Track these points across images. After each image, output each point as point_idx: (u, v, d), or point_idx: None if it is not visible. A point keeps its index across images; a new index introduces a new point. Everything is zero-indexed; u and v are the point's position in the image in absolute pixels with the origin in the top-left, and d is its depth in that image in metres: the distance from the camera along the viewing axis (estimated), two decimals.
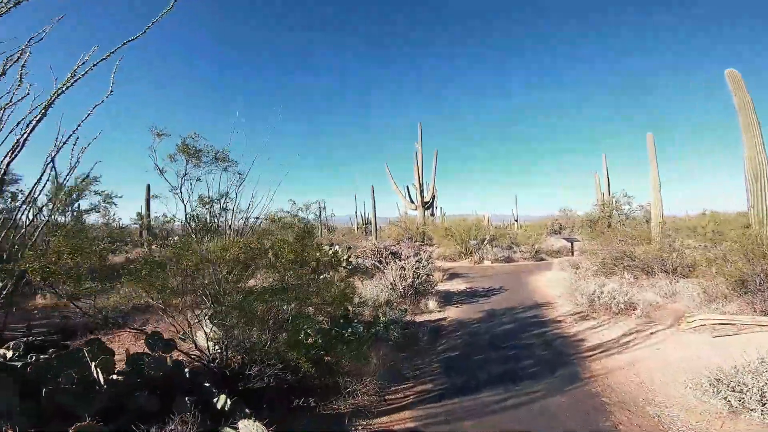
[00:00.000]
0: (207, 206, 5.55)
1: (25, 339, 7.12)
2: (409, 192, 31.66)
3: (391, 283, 9.73)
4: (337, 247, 15.01)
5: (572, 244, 22.83)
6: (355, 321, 6.94)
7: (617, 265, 12.09)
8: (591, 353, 6.72)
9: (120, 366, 4.36)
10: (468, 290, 12.03)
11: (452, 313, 9.25)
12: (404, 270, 10.00)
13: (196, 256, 3.58)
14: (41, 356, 4.70)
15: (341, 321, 6.75)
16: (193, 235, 4.32)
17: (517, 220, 38.61)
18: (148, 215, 21.35)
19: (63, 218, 13.56)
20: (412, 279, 9.74)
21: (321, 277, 6.29)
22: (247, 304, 3.63)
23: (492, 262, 19.63)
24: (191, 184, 4.61)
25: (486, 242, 21.83)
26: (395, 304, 8.90)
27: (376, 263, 14.46)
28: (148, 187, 21.87)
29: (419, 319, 8.65)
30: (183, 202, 4.47)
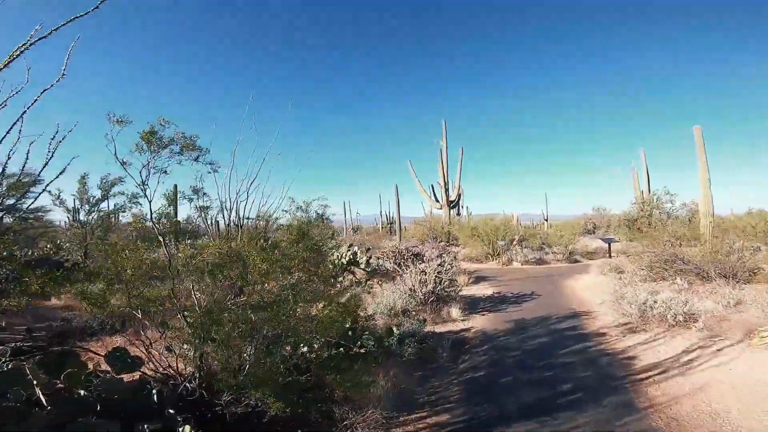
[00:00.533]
0: (192, 202, 4.92)
1: (13, 344, 6.71)
2: (434, 191, 30.65)
3: (410, 289, 8.84)
4: (356, 248, 14.25)
5: (609, 244, 21.21)
6: (366, 333, 6.12)
7: (667, 268, 10.73)
8: (646, 375, 5.64)
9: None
10: (496, 296, 10.97)
11: (478, 322, 8.26)
12: (425, 274, 9.09)
13: (131, 262, 2.88)
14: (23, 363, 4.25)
15: (349, 333, 5.94)
16: (161, 238, 3.61)
17: (547, 220, 36.82)
18: (176, 215, 21.30)
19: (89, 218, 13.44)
20: (434, 285, 8.81)
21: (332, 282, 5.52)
22: (209, 322, 2.88)
23: (522, 264, 18.36)
24: (158, 177, 3.98)
25: (515, 243, 20.55)
26: (414, 312, 8.01)
27: (395, 266, 13.64)
28: (176, 187, 21.84)
29: (440, 329, 7.72)
30: (148, 199, 3.80)
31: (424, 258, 14.71)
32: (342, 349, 5.94)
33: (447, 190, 29.68)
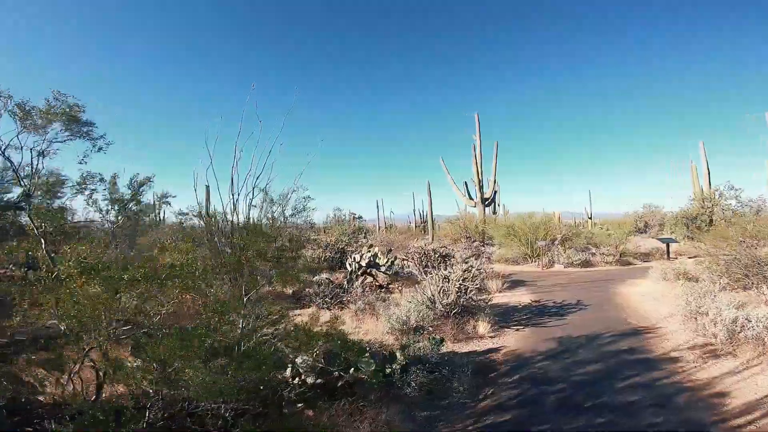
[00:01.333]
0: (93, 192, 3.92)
1: None
2: (467, 188, 28.88)
3: (429, 299, 7.50)
4: (376, 249, 13.05)
5: (668, 245, 18.74)
6: (366, 355, 4.87)
7: (749, 274, 8.69)
8: (745, 420, 4.07)
9: None
10: (534, 305, 9.36)
11: (510, 340, 6.76)
12: (447, 281, 7.70)
13: None
14: None
15: (341, 355, 4.70)
16: (42, 240, 2.60)
17: (591, 218, 34.06)
18: (208, 215, 21.08)
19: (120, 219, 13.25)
20: (457, 294, 7.41)
21: None
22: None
23: (565, 267, 16.43)
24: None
25: (557, 242, 18.57)
26: (431, 328, 6.65)
27: (420, 269, 12.30)
28: (207, 188, 21.58)
29: (462, 348, 6.32)
30: (25, 190, 2.81)
31: (452, 260, 13.29)
32: (337, 373, 4.75)
33: (481, 186, 27.83)
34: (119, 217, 13.26)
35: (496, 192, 28.77)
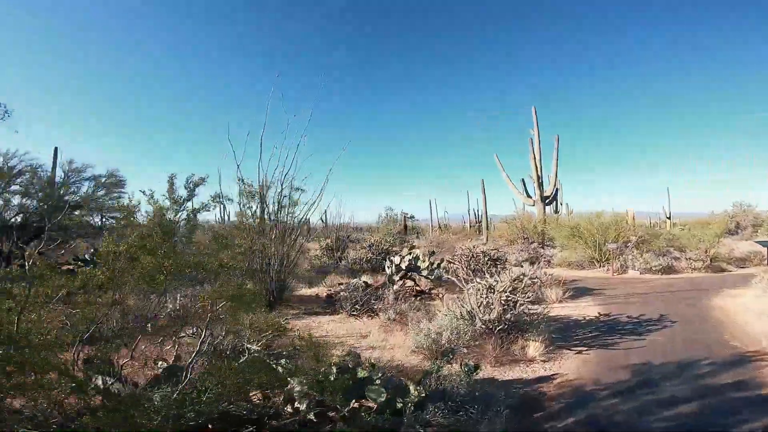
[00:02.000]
0: None
1: None
2: (525, 185, 26.78)
3: (469, 312, 6.39)
4: (418, 251, 12.05)
5: None
6: (377, 382, 3.96)
7: None
8: None
9: None
10: (602, 320, 7.77)
11: (568, 366, 5.42)
12: (492, 292, 6.52)
13: None
14: None
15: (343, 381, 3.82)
16: None
17: (669, 218, 30.15)
18: (262, 212, 21.49)
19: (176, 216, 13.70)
20: (500, 311, 6.20)
21: None
22: None
23: (641, 273, 14.21)
24: None
25: (631, 245, 16.26)
26: (465, 350, 5.53)
27: (460, 276, 11.11)
28: (261, 186, 21.87)
29: (505, 374, 5.14)
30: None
31: (504, 264, 11.93)
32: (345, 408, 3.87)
33: (540, 184, 25.62)
34: (178, 216, 13.59)
35: (557, 189, 26.40)
